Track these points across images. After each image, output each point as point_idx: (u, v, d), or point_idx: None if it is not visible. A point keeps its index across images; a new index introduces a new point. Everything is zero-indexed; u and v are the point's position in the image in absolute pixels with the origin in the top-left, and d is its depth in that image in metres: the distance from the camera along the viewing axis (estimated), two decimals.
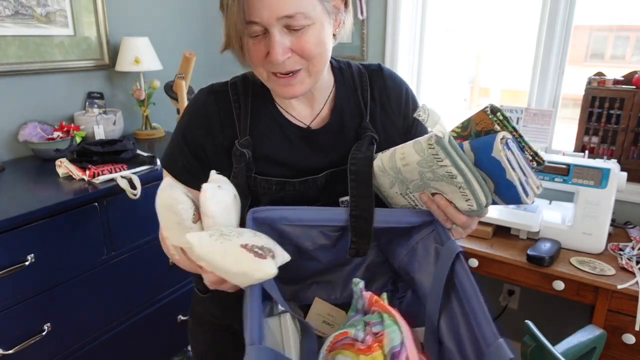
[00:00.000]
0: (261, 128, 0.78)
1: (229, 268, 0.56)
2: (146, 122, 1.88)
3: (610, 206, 1.45)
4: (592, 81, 1.82)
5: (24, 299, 1.15)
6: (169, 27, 2.04)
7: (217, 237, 0.57)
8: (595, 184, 1.46)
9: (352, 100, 0.83)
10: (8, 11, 1.49)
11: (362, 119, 0.81)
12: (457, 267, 0.63)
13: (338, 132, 0.80)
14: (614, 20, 1.90)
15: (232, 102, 0.79)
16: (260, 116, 0.78)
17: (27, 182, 1.35)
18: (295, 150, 0.78)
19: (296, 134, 0.79)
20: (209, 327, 0.93)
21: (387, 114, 0.84)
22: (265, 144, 0.77)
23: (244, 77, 0.83)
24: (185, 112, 0.81)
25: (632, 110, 1.71)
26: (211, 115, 0.78)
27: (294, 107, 0.80)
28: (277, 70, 0.69)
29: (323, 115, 0.82)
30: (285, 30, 0.66)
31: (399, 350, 0.57)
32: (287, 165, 0.78)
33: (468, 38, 2.19)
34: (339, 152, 0.79)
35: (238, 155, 0.75)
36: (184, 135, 0.79)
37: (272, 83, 0.72)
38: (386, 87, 0.84)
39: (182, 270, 0.73)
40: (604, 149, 1.81)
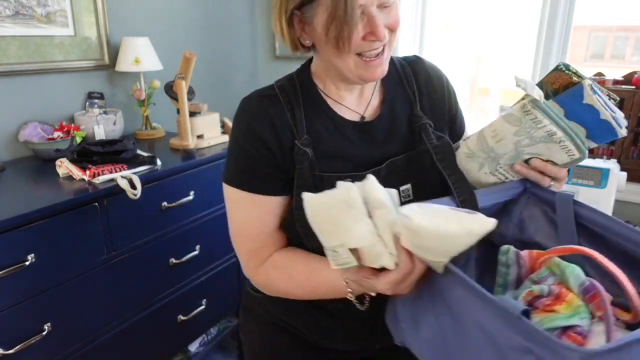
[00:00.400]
0: (317, 127, 0.78)
1: (454, 230, 0.53)
2: (146, 122, 1.88)
3: (610, 206, 1.45)
4: None
5: (24, 299, 1.15)
6: (169, 27, 2.04)
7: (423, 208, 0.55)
8: (595, 183, 1.46)
9: (400, 90, 0.85)
10: (8, 11, 1.49)
11: (413, 108, 0.83)
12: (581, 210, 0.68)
13: (391, 122, 0.82)
14: (613, 21, 1.90)
15: (284, 105, 0.79)
16: (314, 115, 0.79)
17: (28, 182, 1.35)
18: (354, 144, 0.79)
19: (352, 128, 0.80)
20: (267, 326, 0.93)
21: (434, 102, 0.86)
22: (324, 141, 0.78)
23: (289, 79, 0.83)
24: (242, 120, 0.79)
25: (632, 110, 1.71)
26: (271, 117, 0.77)
27: (345, 99, 0.82)
28: (373, 49, 0.72)
29: (374, 106, 0.83)
30: (380, 9, 0.70)
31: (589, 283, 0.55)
32: (348, 159, 0.78)
33: (468, 38, 2.19)
34: (395, 142, 0.81)
35: (301, 154, 0.75)
36: (249, 142, 0.77)
37: (361, 70, 0.73)
38: (430, 77, 0.87)
39: (182, 271, 0.73)
40: (603, 149, 1.81)
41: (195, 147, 1.65)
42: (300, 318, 0.88)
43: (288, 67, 2.75)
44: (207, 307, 1.68)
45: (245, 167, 0.78)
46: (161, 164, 1.46)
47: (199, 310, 1.65)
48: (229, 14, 2.33)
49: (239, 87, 2.47)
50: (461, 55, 2.22)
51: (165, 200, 1.46)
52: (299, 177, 0.76)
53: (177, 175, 1.49)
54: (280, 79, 0.85)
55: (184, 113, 1.59)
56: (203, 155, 1.60)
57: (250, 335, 0.99)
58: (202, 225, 1.61)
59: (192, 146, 1.62)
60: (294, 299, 0.83)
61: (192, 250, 1.58)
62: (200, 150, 1.65)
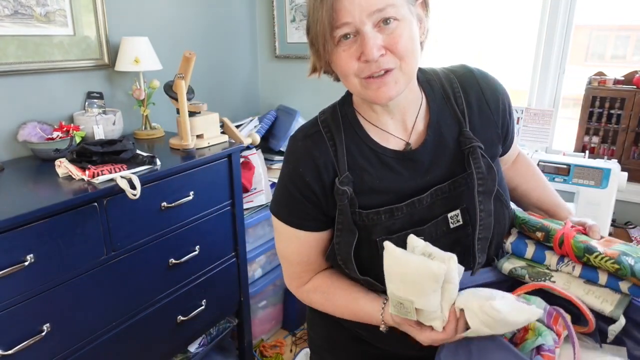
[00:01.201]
0: (359, 162, 0.78)
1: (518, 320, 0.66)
2: (146, 122, 1.88)
3: (611, 206, 1.44)
4: (592, 81, 1.81)
5: (24, 299, 1.15)
6: (169, 27, 2.03)
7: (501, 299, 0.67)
8: (596, 184, 1.46)
9: (447, 110, 0.80)
10: (7, 11, 1.49)
11: (461, 127, 0.79)
12: None
13: (437, 147, 0.78)
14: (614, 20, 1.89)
15: (327, 141, 0.79)
16: (356, 149, 0.78)
17: (27, 182, 1.35)
18: (397, 175, 0.78)
19: (395, 159, 0.78)
20: (329, 321, 0.95)
21: (486, 118, 0.81)
22: (366, 176, 0.78)
23: (332, 111, 0.83)
24: (289, 162, 0.82)
25: (633, 110, 1.71)
26: (315, 159, 0.78)
27: (387, 125, 0.79)
28: (371, 71, 0.68)
29: (419, 131, 0.80)
30: (376, 29, 0.67)
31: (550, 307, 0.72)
32: (392, 192, 0.78)
33: (468, 37, 2.19)
34: (441, 167, 0.78)
35: (340, 193, 0.76)
36: (294, 183, 0.80)
37: (366, 90, 0.71)
38: (482, 90, 0.82)
39: (182, 271, 0.74)
40: (604, 149, 1.81)
41: (195, 147, 1.65)
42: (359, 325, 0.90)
43: (288, 67, 2.75)
44: (207, 307, 1.68)
45: (288, 203, 0.82)
46: (161, 164, 1.46)
47: (199, 311, 1.64)
48: (229, 14, 2.32)
49: (239, 87, 2.47)
50: (461, 55, 2.22)
51: (165, 200, 1.45)
52: (339, 214, 0.77)
53: (177, 175, 1.49)
54: (325, 110, 0.84)
55: (183, 113, 1.59)
56: (203, 155, 1.59)
57: (315, 327, 1.04)
58: (201, 225, 1.61)
59: (191, 146, 1.62)
60: None
61: (192, 250, 1.58)
62: (200, 150, 1.65)
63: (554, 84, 1.89)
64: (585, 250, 0.72)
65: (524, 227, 0.82)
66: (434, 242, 0.73)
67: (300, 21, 2.31)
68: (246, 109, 2.53)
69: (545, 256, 0.78)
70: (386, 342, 0.89)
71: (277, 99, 2.54)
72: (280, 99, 2.53)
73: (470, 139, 0.77)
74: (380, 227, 0.77)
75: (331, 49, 0.69)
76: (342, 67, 0.70)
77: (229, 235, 1.75)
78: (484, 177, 0.75)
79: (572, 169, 1.48)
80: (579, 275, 0.74)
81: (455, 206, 0.78)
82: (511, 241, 0.83)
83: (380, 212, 0.77)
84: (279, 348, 2.16)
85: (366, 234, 0.77)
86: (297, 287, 0.90)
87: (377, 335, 0.84)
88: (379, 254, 0.73)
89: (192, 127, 1.63)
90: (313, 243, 0.84)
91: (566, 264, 0.75)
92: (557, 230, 0.76)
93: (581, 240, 0.74)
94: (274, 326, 2.29)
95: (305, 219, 0.81)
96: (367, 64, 0.68)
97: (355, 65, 0.69)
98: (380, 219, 0.76)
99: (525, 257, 0.80)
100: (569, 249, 0.74)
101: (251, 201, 1.97)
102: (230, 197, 1.72)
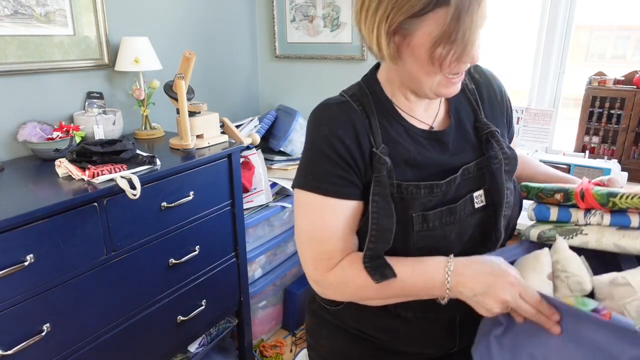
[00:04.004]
0: (392, 135, 0.79)
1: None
2: (146, 122, 1.88)
3: None
4: (592, 81, 1.82)
5: (23, 300, 1.15)
6: (168, 27, 2.03)
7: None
8: None
9: (463, 99, 0.86)
10: (7, 11, 1.49)
11: (477, 115, 0.85)
12: None
13: (459, 131, 0.84)
14: (614, 20, 1.89)
15: (359, 112, 0.78)
16: (388, 124, 0.79)
17: (27, 182, 1.35)
18: (428, 152, 0.80)
19: (424, 136, 0.81)
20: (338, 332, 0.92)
21: (495, 108, 0.89)
22: (400, 149, 0.78)
23: (359, 88, 0.83)
24: (322, 126, 0.78)
25: (633, 110, 1.71)
26: (353, 123, 0.77)
27: (414, 111, 0.82)
28: (462, 71, 0.74)
29: (441, 117, 0.85)
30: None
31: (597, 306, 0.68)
32: (423, 167, 0.79)
33: None
34: (465, 150, 0.83)
35: (381, 162, 0.75)
36: (331, 146, 0.76)
37: (443, 86, 0.74)
38: (490, 84, 0.90)
39: (182, 271, 0.74)
40: (604, 149, 1.81)
41: (195, 147, 1.65)
42: (377, 327, 0.88)
43: (288, 67, 2.75)
44: (207, 307, 1.68)
45: (323, 171, 0.77)
46: (161, 164, 1.46)
47: (199, 311, 1.64)
48: (229, 13, 2.32)
49: (239, 87, 2.47)
50: None
51: (165, 200, 1.45)
52: (376, 185, 0.75)
53: (177, 175, 1.49)
54: (349, 87, 0.84)
55: (183, 113, 1.59)
56: (203, 155, 1.59)
57: (320, 340, 0.97)
58: (201, 225, 1.61)
59: (191, 146, 1.62)
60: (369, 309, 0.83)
61: (192, 250, 1.58)
62: (200, 150, 1.65)
63: (554, 84, 1.89)
64: (608, 195, 0.71)
65: (541, 194, 0.81)
66: (461, 221, 0.78)
67: (301, 21, 2.31)
68: (246, 109, 2.53)
69: (570, 214, 0.76)
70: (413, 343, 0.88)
71: (277, 99, 2.54)
72: (280, 99, 2.53)
73: (486, 125, 0.84)
74: (418, 202, 0.76)
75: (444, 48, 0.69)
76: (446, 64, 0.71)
77: (229, 235, 1.75)
78: (508, 157, 0.81)
79: (572, 169, 1.48)
80: (609, 223, 0.72)
81: (478, 187, 0.81)
82: (532, 208, 0.82)
83: (420, 186, 0.76)
84: (279, 348, 2.16)
85: (402, 208, 0.76)
86: (325, 270, 0.79)
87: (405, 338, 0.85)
88: (413, 229, 0.75)
89: (192, 127, 1.63)
90: (349, 213, 0.78)
91: (593, 214, 0.73)
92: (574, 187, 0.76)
93: (600, 188, 0.73)
94: (274, 326, 2.29)
95: (343, 185, 0.77)
96: (463, 65, 0.72)
97: (453, 65, 0.71)
98: (419, 193, 0.76)
99: (550, 220, 0.78)
100: (591, 200, 0.72)
101: (251, 201, 1.97)
102: (230, 197, 1.72)
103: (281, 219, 2.15)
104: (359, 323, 0.89)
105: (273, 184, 2.08)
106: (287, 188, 2.09)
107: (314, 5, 2.22)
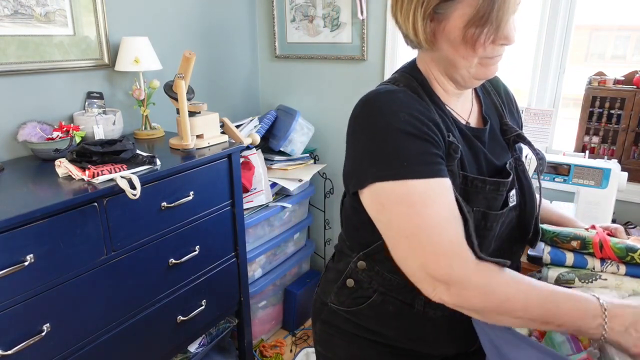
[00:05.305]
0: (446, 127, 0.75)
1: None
2: (146, 122, 1.88)
3: (611, 206, 1.44)
4: (592, 81, 1.81)
5: (23, 300, 1.15)
6: (169, 27, 2.03)
7: None
8: (596, 184, 1.45)
9: (490, 101, 0.89)
10: (7, 11, 1.49)
11: (502, 118, 0.88)
12: None
13: (492, 130, 0.86)
14: (614, 20, 1.89)
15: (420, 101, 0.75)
16: (441, 114, 0.77)
17: (27, 182, 1.35)
18: (477, 148, 0.80)
19: (469, 131, 0.81)
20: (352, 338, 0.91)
21: (512, 113, 0.93)
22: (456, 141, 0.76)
23: (407, 79, 0.79)
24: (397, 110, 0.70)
25: (633, 110, 1.71)
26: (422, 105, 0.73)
27: (452, 104, 0.82)
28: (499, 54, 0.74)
29: (476, 114, 0.86)
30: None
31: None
32: (477, 162, 0.79)
33: None
34: (496, 150, 0.84)
35: (455, 150, 0.72)
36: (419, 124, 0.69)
37: (480, 68, 0.74)
38: (506, 88, 0.95)
39: (182, 271, 0.73)
40: (604, 149, 1.81)
41: (195, 147, 1.65)
42: (398, 328, 0.85)
43: (288, 67, 2.75)
44: (206, 307, 1.68)
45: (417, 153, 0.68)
46: (161, 164, 1.46)
47: (199, 311, 1.64)
48: (228, 13, 2.32)
49: (239, 87, 2.47)
50: None
51: (165, 200, 1.45)
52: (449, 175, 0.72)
53: (177, 175, 1.49)
54: (394, 78, 0.80)
55: (183, 113, 1.59)
56: (203, 155, 1.59)
57: (333, 349, 0.93)
58: (201, 225, 1.61)
59: (191, 146, 1.61)
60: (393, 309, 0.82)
61: (192, 250, 1.58)
62: (200, 150, 1.65)
63: (554, 84, 1.89)
64: (627, 249, 0.74)
65: (557, 239, 0.83)
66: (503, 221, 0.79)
67: (301, 21, 2.31)
68: (246, 109, 2.53)
69: (586, 260, 0.78)
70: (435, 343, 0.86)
71: (277, 99, 2.54)
72: (280, 99, 2.53)
73: (513, 128, 0.87)
74: (481, 196, 0.74)
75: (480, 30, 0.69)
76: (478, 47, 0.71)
77: (229, 235, 1.75)
78: (542, 157, 0.86)
79: (572, 169, 1.48)
80: (625, 273, 0.76)
81: (510, 187, 0.81)
82: (548, 251, 0.83)
83: (487, 181, 0.75)
84: (279, 348, 2.16)
85: (463, 202, 0.71)
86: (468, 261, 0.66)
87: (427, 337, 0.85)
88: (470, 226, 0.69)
89: (192, 127, 1.63)
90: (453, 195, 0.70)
91: (610, 264, 0.77)
92: (592, 237, 0.78)
93: (617, 241, 0.76)
94: (274, 326, 2.29)
95: (442, 163, 0.69)
96: (500, 47, 0.72)
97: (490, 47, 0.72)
98: (484, 188, 0.75)
99: (566, 265, 0.80)
100: (610, 252, 0.76)
101: (251, 201, 1.97)
102: (230, 197, 1.72)
103: (281, 219, 2.15)
104: (380, 324, 0.86)
105: (273, 184, 2.08)
106: (287, 188, 2.09)
107: (314, 5, 2.22)
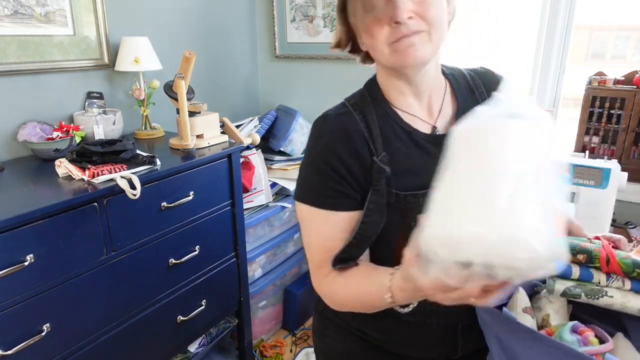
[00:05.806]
0: (393, 142, 0.78)
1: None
2: (146, 122, 1.88)
3: (611, 206, 1.44)
4: (592, 81, 1.81)
5: (23, 300, 1.14)
6: (169, 27, 2.03)
7: None
8: (596, 184, 1.45)
9: (472, 103, 0.84)
10: (7, 11, 1.49)
11: None
12: None
13: None
14: (614, 20, 1.89)
15: (359, 122, 0.78)
16: (390, 130, 0.78)
17: (27, 182, 1.35)
18: (430, 157, 0.78)
19: (428, 141, 0.79)
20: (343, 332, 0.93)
21: None
22: (402, 157, 0.77)
23: (360, 95, 0.83)
24: (321, 138, 0.79)
25: (633, 110, 1.71)
26: (350, 134, 0.77)
27: (413, 108, 0.81)
28: (401, 34, 0.69)
29: (446, 118, 0.82)
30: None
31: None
32: (426, 175, 0.76)
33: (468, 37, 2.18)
34: None
35: (380, 172, 0.75)
36: (327, 161, 0.77)
37: (395, 54, 0.72)
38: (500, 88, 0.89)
39: (182, 271, 0.74)
40: (604, 149, 1.81)
41: (195, 147, 1.65)
42: (378, 329, 0.88)
43: (288, 67, 2.74)
44: (207, 307, 1.68)
45: (321, 184, 0.78)
46: (161, 164, 1.46)
47: (199, 311, 1.64)
48: (228, 13, 2.32)
49: (239, 87, 2.47)
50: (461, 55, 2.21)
51: (165, 200, 1.45)
52: (373, 194, 0.75)
53: (177, 175, 1.49)
54: (351, 96, 0.84)
55: (183, 113, 1.59)
56: (203, 155, 1.59)
57: (325, 339, 0.98)
58: (201, 225, 1.61)
59: (191, 146, 1.62)
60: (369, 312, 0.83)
61: (192, 250, 1.58)
62: (200, 150, 1.65)
63: (554, 84, 1.89)
64: (635, 265, 0.74)
65: None
66: None
67: (301, 21, 2.31)
68: (246, 109, 2.53)
69: (591, 274, 0.78)
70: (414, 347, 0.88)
71: (277, 99, 2.54)
72: (280, 99, 2.53)
73: None
74: (416, 211, 0.74)
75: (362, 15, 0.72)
76: (373, 33, 0.71)
77: (229, 235, 1.75)
78: None
79: (572, 169, 1.48)
80: (630, 289, 0.75)
81: None
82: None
83: (418, 195, 0.75)
84: (279, 348, 2.16)
85: (400, 218, 0.76)
86: (323, 276, 0.81)
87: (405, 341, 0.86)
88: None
89: (192, 127, 1.63)
90: (343, 225, 0.79)
91: (615, 279, 0.77)
92: (597, 250, 0.78)
93: (623, 256, 0.76)
94: (274, 326, 2.29)
95: (339, 197, 0.78)
96: (397, 26, 0.69)
97: (386, 30, 0.70)
98: (417, 202, 0.75)
99: (572, 278, 0.80)
100: (616, 267, 0.76)
101: (251, 201, 1.97)
102: (230, 197, 1.72)
103: (281, 219, 2.15)
104: (361, 324, 0.89)
105: (273, 184, 2.08)
106: (287, 188, 2.09)
107: (314, 5, 2.22)
